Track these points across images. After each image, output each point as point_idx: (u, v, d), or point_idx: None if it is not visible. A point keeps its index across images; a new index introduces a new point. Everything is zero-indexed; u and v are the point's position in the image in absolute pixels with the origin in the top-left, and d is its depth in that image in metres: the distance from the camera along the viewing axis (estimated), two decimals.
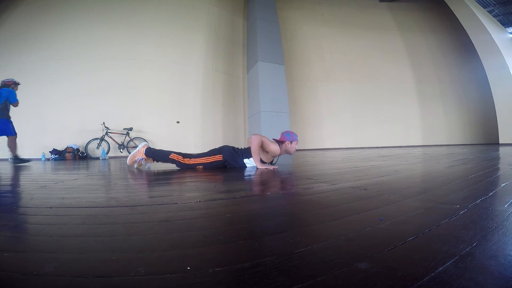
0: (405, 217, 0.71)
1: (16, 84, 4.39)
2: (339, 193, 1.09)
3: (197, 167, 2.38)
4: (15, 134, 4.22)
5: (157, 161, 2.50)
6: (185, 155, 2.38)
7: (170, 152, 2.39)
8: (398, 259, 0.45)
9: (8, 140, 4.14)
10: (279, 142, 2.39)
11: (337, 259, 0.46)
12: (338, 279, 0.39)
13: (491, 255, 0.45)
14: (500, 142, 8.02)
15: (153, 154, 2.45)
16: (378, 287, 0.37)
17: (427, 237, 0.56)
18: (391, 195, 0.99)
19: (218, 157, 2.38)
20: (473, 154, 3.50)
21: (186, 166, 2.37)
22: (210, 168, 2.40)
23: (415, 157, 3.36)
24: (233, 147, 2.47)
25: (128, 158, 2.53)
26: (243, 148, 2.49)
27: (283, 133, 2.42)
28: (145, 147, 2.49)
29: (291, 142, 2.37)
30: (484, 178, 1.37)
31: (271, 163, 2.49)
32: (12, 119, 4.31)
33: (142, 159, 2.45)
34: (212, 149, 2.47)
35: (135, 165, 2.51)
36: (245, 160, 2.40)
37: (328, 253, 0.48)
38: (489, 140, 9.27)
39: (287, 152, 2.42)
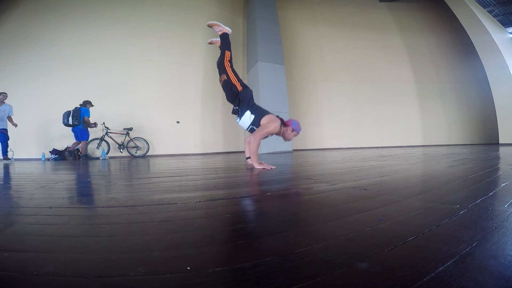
0: (405, 217, 0.71)
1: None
2: (339, 193, 1.09)
3: (223, 76, 2.46)
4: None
5: (223, 39, 2.62)
6: (230, 59, 2.50)
7: (230, 50, 2.53)
8: (398, 259, 0.45)
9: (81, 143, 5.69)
10: (283, 123, 2.41)
11: (337, 259, 0.46)
12: (338, 279, 0.39)
13: (491, 255, 0.45)
14: (500, 142, 8.02)
15: (226, 38, 2.63)
16: (378, 287, 0.37)
17: (427, 237, 0.56)
18: (391, 195, 0.99)
19: (239, 86, 2.43)
20: (473, 154, 3.50)
21: (224, 67, 2.45)
22: (226, 87, 2.45)
23: (415, 157, 3.36)
24: (253, 99, 2.52)
25: (219, 25, 2.70)
26: (257, 105, 2.49)
27: (292, 120, 2.46)
28: (227, 31, 2.66)
29: (292, 131, 2.41)
30: (484, 178, 1.37)
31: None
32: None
33: (219, 31, 2.66)
34: (243, 82, 2.51)
35: (218, 31, 2.67)
36: (247, 112, 2.39)
37: (328, 253, 0.48)
38: (489, 140, 9.27)
39: (283, 135, 2.44)
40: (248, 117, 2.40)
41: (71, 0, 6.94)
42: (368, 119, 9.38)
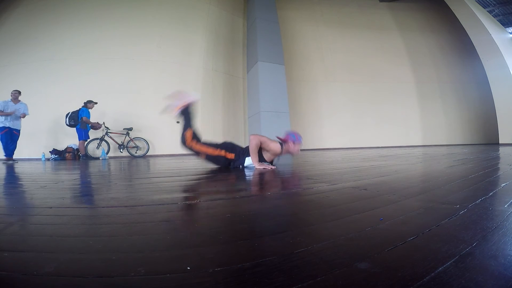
0: (405, 217, 0.71)
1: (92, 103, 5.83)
2: (339, 193, 1.09)
3: (200, 155, 2.36)
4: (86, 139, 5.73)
5: (181, 117, 2.44)
6: (196, 137, 2.34)
7: (190, 127, 2.35)
8: (398, 259, 0.45)
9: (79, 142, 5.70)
10: (282, 142, 2.39)
11: (337, 259, 0.46)
12: (338, 279, 0.39)
13: (491, 255, 0.45)
14: (500, 142, 8.02)
15: (185, 115, 2.41)
16: (378, 287, 0.37)
17: (427, 237, 0.56)
18: (391, 195, 0.99)
19: (225, 153, 2.35)
20: (473, 154, 3.50)
21: (189, 148, 2.32)
22: (213, 161, 2.39)
23: (415, 157, 3.36)
24: (240, 147, 2.47)
25: (176, 101, 2.42)
26: (244, 147, 2.49)
27: (288, 133, 2.41)
28: (189, 103, 2.41)
29: (294, 143, 2.36)
30: (484, 178, 1.37)
31: (271, 162, 2.49)
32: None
33: (176, 107, 2.41)
34: (218, 143, 2.43)
35: (176, 110, 2.43)
36: (247, 159, 2.39)
37: (328, 253, 0.48)
38: (489, 140, 9.27)
39: (289, 152, 2.40)
40: (248, 160, 2.38)
41: (71, 0, 6.94)
42: (368, 119, 9.38)
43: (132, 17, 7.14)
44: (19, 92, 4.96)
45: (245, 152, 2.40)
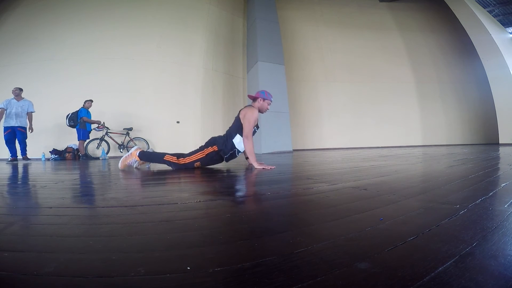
0: (405, 217, 0.71)
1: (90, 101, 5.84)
2: (339, 193, 1.09)
3: (195, 164, 2.36)
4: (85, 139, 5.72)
5: (153, 162, 2.50)
6: (179, 155, 2.35)
7: (164, 154, 2.36)
8: (398, 259, 0.45)
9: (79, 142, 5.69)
10: (253, 99, 2.44)
11: (337, 259, 0.46)
12: (338, 279, 0.39)
13: (491, 255, 0.45)
14: (500, 142, 8.02)
15: (147, 157, 2.45)
16: (378, 287, 0.37)
17: (427, 237, 0.56)
18: (391, 195, 0.99)
19: (212, 148, 2.36)
20: (473, 154, 3.50)
21: (183, 166, 2.34)
22: (208, 162, 2.39)
23: (415, 157, 3.36)
24: (219, 136, 2.47)
25: (120, 161, 2.47)
26: (226, 132, 2.47)
27: (258, 91, 2.47)
28: (138, 150, 2.45)
29: (263, 100, 2.42)
30: (484, 178, 1.37)
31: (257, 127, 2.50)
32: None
33: (137, 162, 2.44)
34: (201, 146, 2.44)
35: (136, 165, 2.49)
36: (234, 141, 2.37)
37: (328, 253, 0.48)
38: (489, 140, 9.27)
39: (261, 110, 2.46)
40: (236, 139, 2.37)
41: (71, 0, 6.94)
42: (368, 119, 9.38)
43: (132, 17, 7.14)
44: (20, 89, 4.89)
45: (227, 137, 2.39)
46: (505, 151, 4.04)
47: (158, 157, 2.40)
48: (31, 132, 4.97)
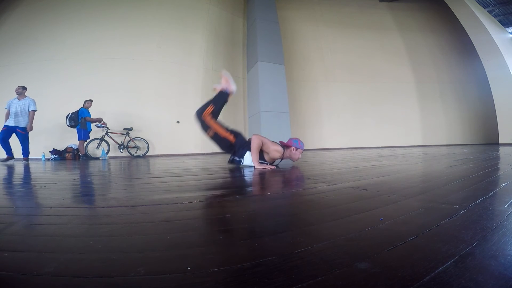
0: (405, 217, 0.71)
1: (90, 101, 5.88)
2: (339, 193, 1.09)
3: (209, 131, 2.40)
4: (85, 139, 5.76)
5: (217, 95, 2.57)
6: (213, 114, 2.42)
7: (215, 105, 2.46)
8: (398, 259, 0.45)
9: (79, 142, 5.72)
10: (285, 146, 2.43)
11: (337, 259, 0.46)
12: (338, 279, 0.39)
13: (491, 255, 0.45)
14: (500, 142, 8.02)
15: (220, 95, 2.57)
16: (378, 287, 0.36)
17: (427, 237, 0.56)
18: (391, 195, 0.99)
19: (231, 137, 2.40)
20: (473, 154, 3.50)
21: (202, 120, 2.40)
22: (218, 141, 2.43)
23: (415, 157, 3.36)
24: (244, 137, 2.52)
25: (228, 82, 2.61)
26: (247, 140, 2.52)
27: (291, 139, 2.49)
28: (230, 91, 2.57)
29: (296, 149, 2.44)
30: (484, 178, 1.37)
31: (272, 163, 2.50)
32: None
33: (220, 87, 2.59)
34: (232, 129, 2.51)
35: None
36: (246, 157, 2.40)
37: (328, 253, 0.48)
38: (489, 140, 9.27)
39: (290, 157, 2.47)
40: (248, 156, 2.40)
41: (71, 0, 6.94)
42: (368, 119, 9.38)
43: (132, 17, 7.14)
44: (23, 88, 4.80)
45: (246, 144, 2.42)
46: (505, 151, 4.04)
47: (213, 102, 2.52)
48: (29, 131, 4.87)
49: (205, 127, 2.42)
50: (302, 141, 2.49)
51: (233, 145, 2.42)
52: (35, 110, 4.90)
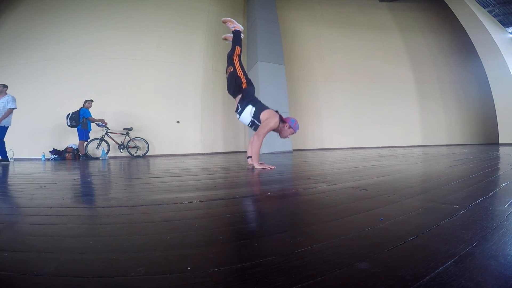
0: (405, 217, 0.71)
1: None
2: (339, 193, 1.09)
3: (230, 67, 2.54)
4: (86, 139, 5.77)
5: (234, 37, 2.69)
6: (239, 54, 2.59)
7: (239, 45, 2.61)
8: (398, 259, 0.45)
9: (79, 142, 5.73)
10: (281, 119, 2.45)
11: (337, 259, 0.46)
12: (338, 279, 0.39)
13: (491, 255, 0.45)
14: (500, 142, 8.01)
15: (238, 35, 2.68)
16: (378, 287, 0.37)
17: (427, 237, 0.56)
18: (391, 195, 0.99)
19: (245, 81, 2.50)
20: (473, 154, 3.50)
21: (233, 58, 2.54)
22: (231, 78, 2.53)
23: (415, 157, 3.36)
24: (257, 100, 2.57)
25: (233, 22, 2.77)
26: (258, 100, 2.55)
27: (290, 117, 2.50)
28: (240, 29, 2.71)
29: (289, 127, 2.44)
30: (484, 178, 1.37)
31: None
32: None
33: (232, 27, 2.73)
34: (249, 78, 2.61)
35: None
36: (248, 106, 2.45)
37: (328, 253, 0.48)
38: (489, 140, 9.26)
39: (280, 132, 2.47)
40: (249, 112, 2.43)
41: (71, 0, 6.94)
42: (368, 119, 9.37)
43: (132, 17, 7.14)
44: (4, 86, 4.59)
45: (253, 101, 2.48)
46: (505, 151, 4.04)
47: (238, 42, 2.64)
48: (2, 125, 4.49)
49: (231, 63, 2.57)
50: (298, 123, 2.49)
51: (242, 90, 2.51)
52: (14, 108, 4.60)
